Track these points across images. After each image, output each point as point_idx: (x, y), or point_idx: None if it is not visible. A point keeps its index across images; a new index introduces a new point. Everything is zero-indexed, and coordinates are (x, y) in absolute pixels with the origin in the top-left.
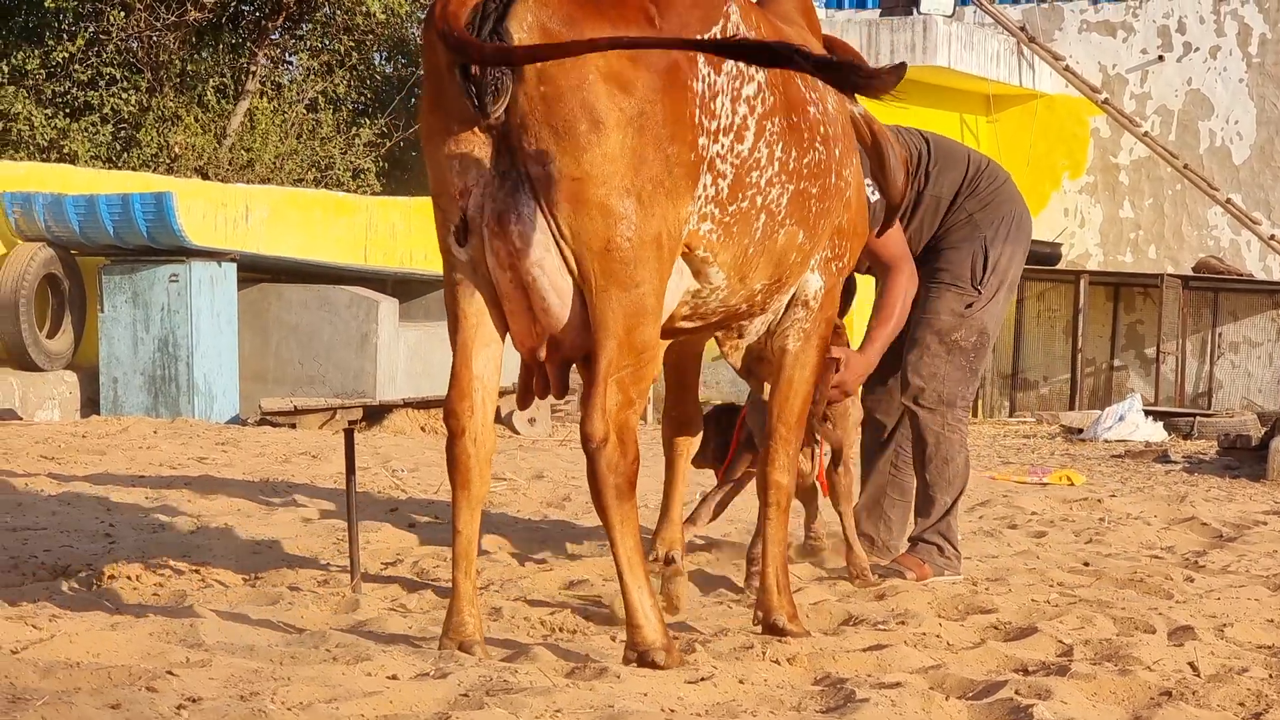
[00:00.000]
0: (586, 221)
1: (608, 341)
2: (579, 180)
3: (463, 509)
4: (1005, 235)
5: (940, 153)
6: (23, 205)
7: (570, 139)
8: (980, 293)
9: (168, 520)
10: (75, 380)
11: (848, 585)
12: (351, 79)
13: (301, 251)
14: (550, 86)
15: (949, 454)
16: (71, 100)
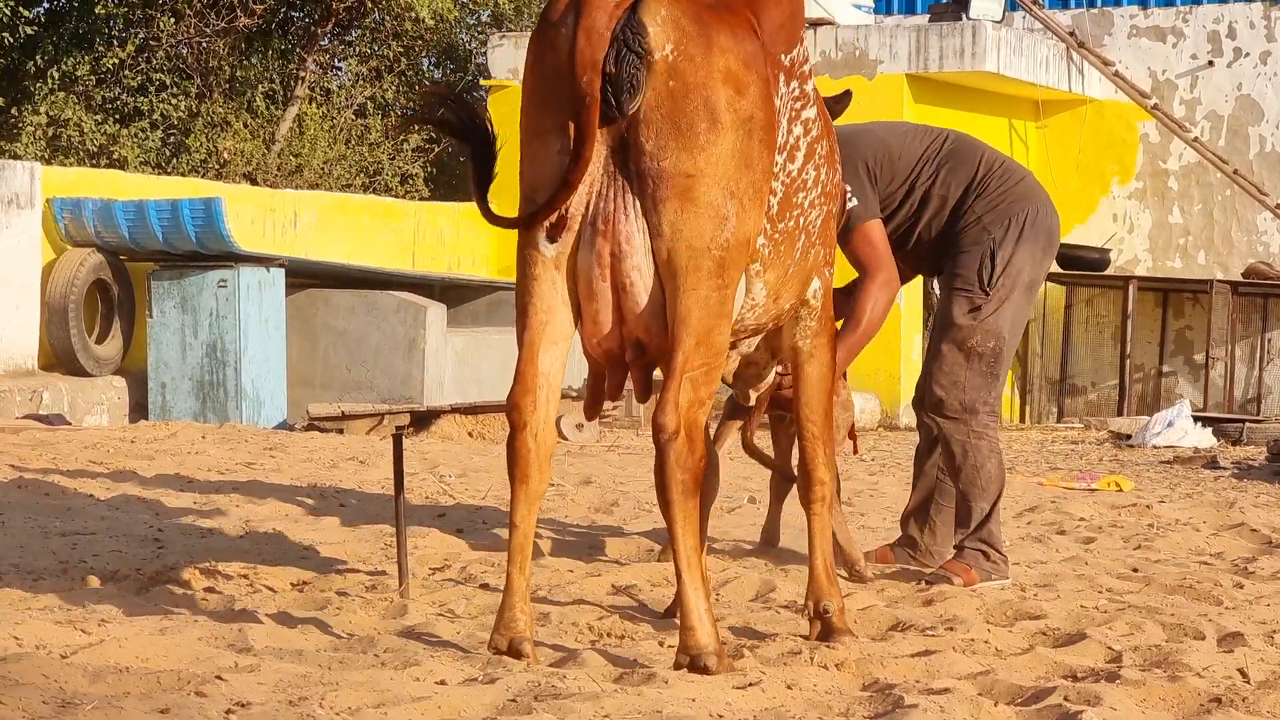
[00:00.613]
0: (692, 219)
1: (688, 339)
2: (693, 177)
3: (520, 504)
4: (1017, 236)
5: (953, 153)
6: (72, 211)
7: (690, 135)
8: (990, 295)
9: (216, 525)
10: (124, 385)
11: (896, 591)
12: (400, 85)
13: (349, 257)
14: (679, 83)
15: (979, 461)
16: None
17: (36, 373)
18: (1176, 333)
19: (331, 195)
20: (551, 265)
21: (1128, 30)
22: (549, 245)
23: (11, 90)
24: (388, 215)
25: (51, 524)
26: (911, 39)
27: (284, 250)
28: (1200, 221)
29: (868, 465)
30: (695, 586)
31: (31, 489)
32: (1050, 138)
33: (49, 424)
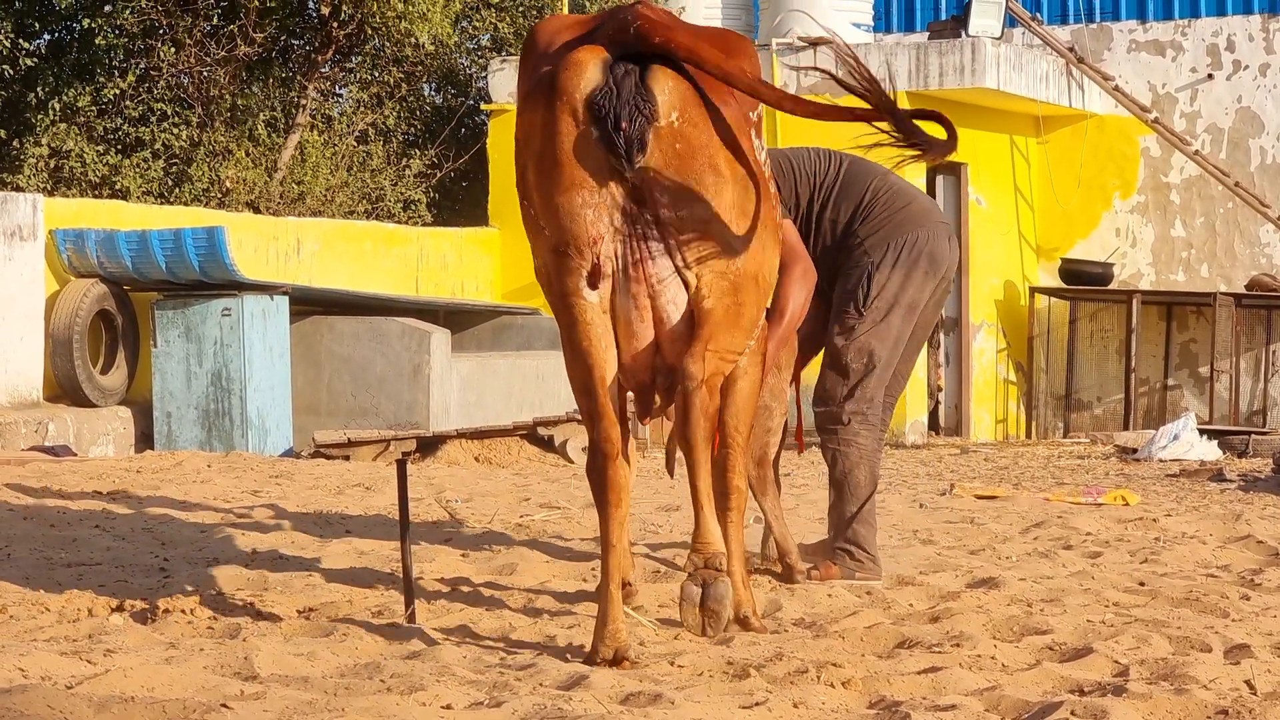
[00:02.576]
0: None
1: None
2: (709, 221)
3: (616, 525)
4: (895, 260)
5: (845, 177)
6: (75, 242)
7: (700, 187)
8: (863, 316)
9: (222, 554)
10: (129, 415)
11: (903, 608)
12: (401, 110)
13: (353, 283)
14: (684, 143)
15: (847, 468)
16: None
17: (41, 404)
18: (1181, 346)
19: (334, 222)
20: (599, 309)
21: (1127, 45)
22: (592, 292)
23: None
24: (391, 241)
25: (57, 555)
26: (911, 57)
27: (287, 278)
28: (1203, 234)
29: None
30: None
31: (37, 520)
32: (1051, 153)
33: (54, 455)
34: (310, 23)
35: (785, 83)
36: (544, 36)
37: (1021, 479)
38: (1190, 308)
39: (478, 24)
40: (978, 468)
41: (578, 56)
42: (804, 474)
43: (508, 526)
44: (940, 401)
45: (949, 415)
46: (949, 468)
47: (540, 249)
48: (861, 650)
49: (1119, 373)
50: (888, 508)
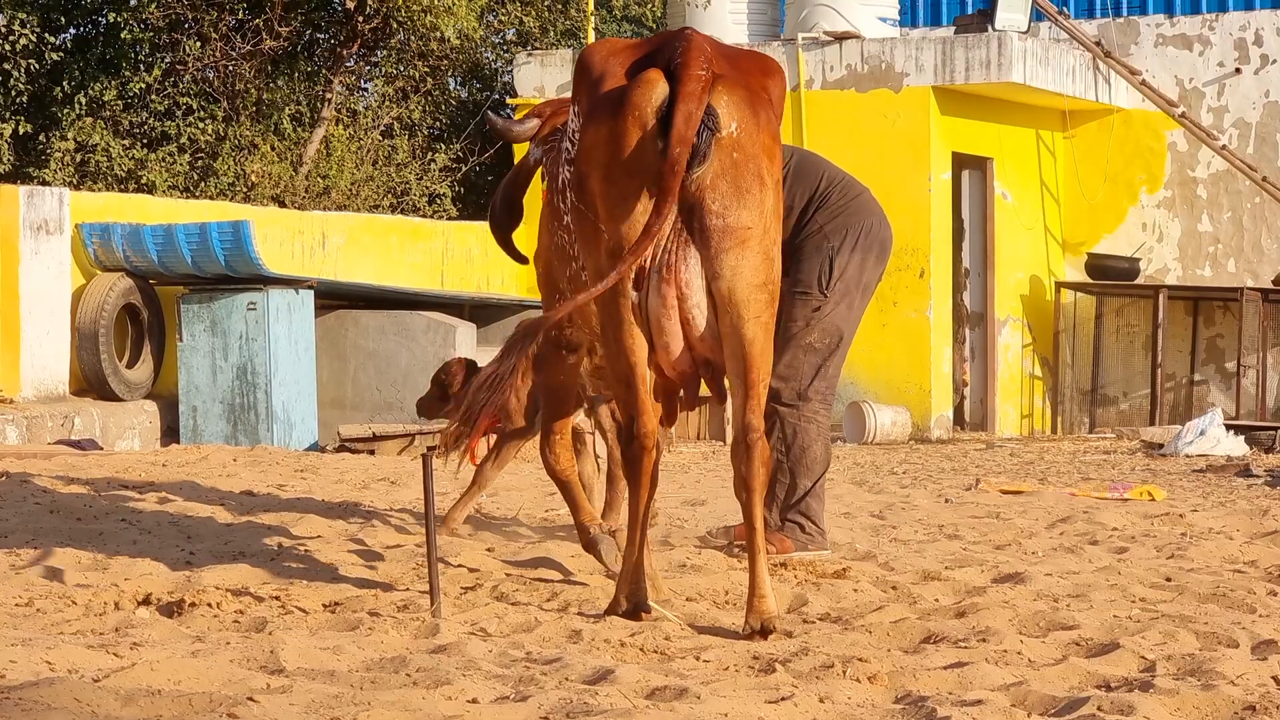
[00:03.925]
0: (750, 263)
1: (757, 357)
2: (750, 229)
3: (643, 505)
4: (854, 244)
5: (797, 166)
6: (101, 236)
7: (749, 195)
8: (827, 297)
9: (247, 548)
10: (155, 409)
11: (929, 604)
12: (426, 104)
13: (378, 277)
14: (740, 153)
15: (806, 443)
16: (149, 130)
17: (68, 398)
18: (1207, 341)
19: (359, 216)
20: (637, 310)
21: (1154, 39)
22: (635, 293)
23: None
24: (416, 235)
25: (84, 549)
26: (937, 51)
27: (313, 272)
28: (1229, 229)
29: (899, 478)
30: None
31: (64, 514)
32: (1078, 148)
33: (81, 449)
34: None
35: (811, 78)
36: (598, 59)
37: (1047, 474)
38: (1217, 303)
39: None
40: (1003, 463)
41: (648, 75)
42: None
43: (533, 521)
44: (965, 396)
45: (974, 410)
46: (974, 463)
47: (595, 252)
48: (887, 645)
49: (1145, 368)
50: (912, 502)
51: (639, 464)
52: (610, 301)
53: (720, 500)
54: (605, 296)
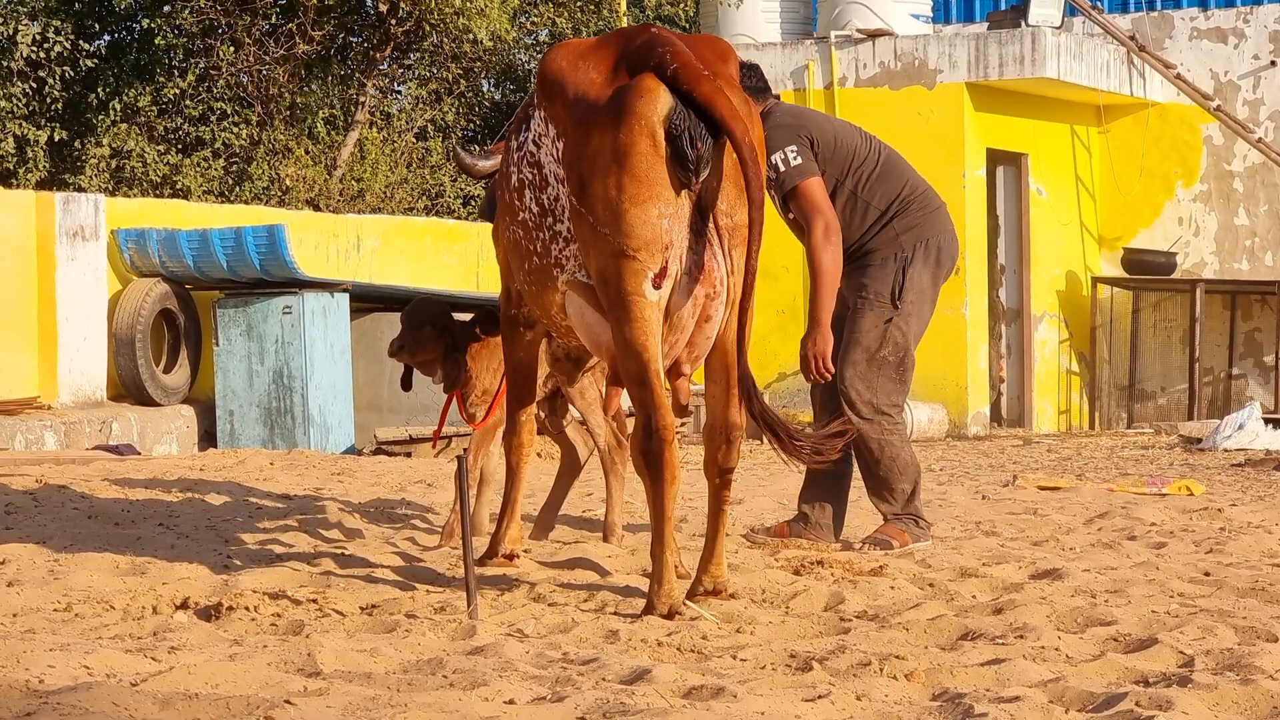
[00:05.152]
0: (750, 260)
1: (745, 350)
2: (752, 226)
3: (669, 500)
4: (923, 258)
5: (885, 164)
6: (137, 241)
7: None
8: (899, 309)
9: (285, 550)
10: (192, 414)
11: (966, 600)
12: (460, 106)
13: (413, 280)
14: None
15: (894, 453)
16: (183, 136)
17: (105, 403)
18: (1245, 335)
19: (394, 219)
20: (656, 308)
21: (1188, 32)
22: (655, 291)
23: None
24: (451, 237)
25: (122, 553)
26: (970, 47)
27: (348, 275)
28: (1266, 222)
29: (936, 475)
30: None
31: (101, 519)
32: (1113, 142)
33: (118, 454)
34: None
35: (844, 76)
36: (565, 63)
37: (1085, 470)
38: (1254, 296)
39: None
40: (1040, 459)
41: (647, 84)
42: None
43: (570, 521)
44: (1002, 393)
45: (1011, 406)
46: (1011, 459)
47: (597, 253)
48: (924, 642)
49: (1183, 362)
50: (950, 499)
51: (661, 458)
52: (623, 302)
53: (758, 499)
54: (616, 297)
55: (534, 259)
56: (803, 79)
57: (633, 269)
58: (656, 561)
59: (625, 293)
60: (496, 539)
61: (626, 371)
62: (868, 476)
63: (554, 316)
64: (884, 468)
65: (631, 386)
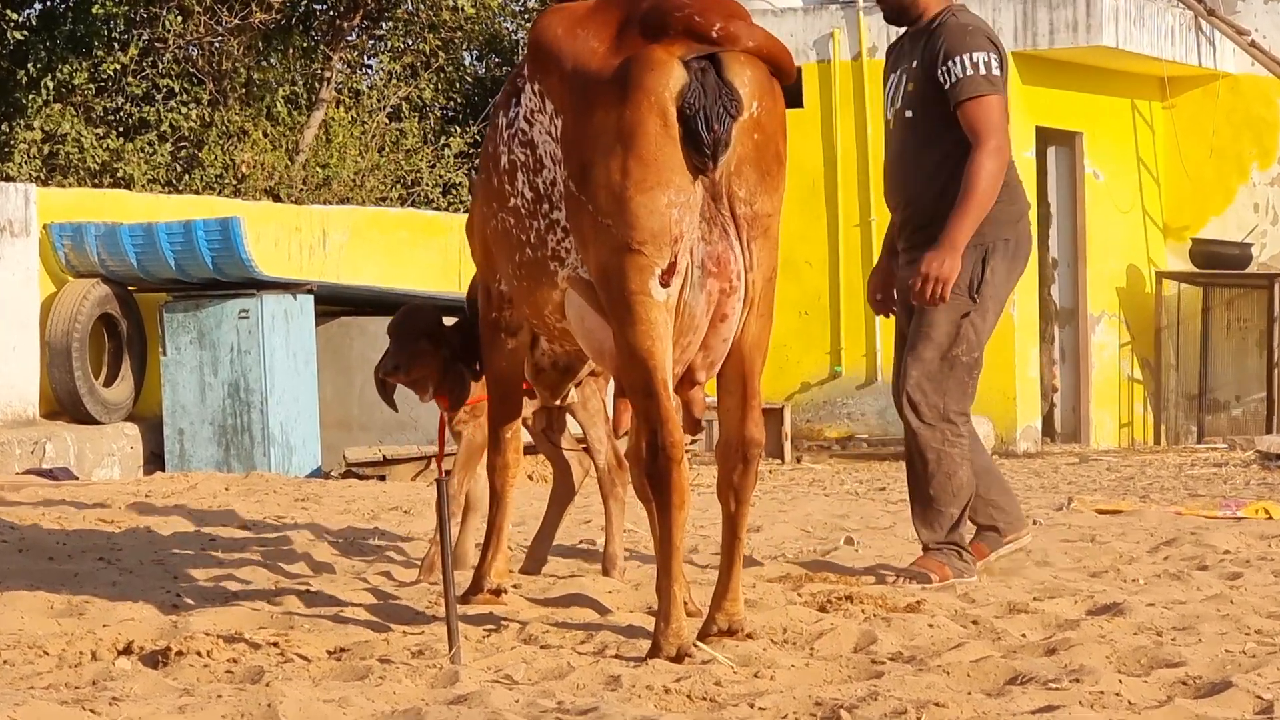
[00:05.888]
0: (769, 252)
1: (760, 360)
2: (771, 216)
3: (678, 528)
4: (1003, 253)
5: None
6: (73, 237)
7: (770, 179)
8: (976, 303)
9: (242, 588)
10: (137, 433)
11: (1015, 639)
12: (439, 82)
13: (387, 280)
14: (761, 134)
15: (951, 469)
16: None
17: (38, 421)
18: None
19: (365, 210)
20: (665, 309)
21: None
22: (662, 290)
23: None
24: (429, 230)
25: (57, 591)
26: (1018, 12)
27: (312, 274)
28: None
29: None
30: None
31: (34, 553)
32: (1179, 119)
33: (53, 479)
34: None
35: (873, 45)
36: (562, 30)
37: (1149, 490)
38: None
39: None
40: (1099, 478)
41: (657, 56)
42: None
43: (566, 553)
44: (1056, 404)
45: (1066, 419)
46: (1066, 479)
47: (597, 245)
48: (968, 687)
49: (1260, 368)
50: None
51: (668, 479)
52: (626, 302)
53: (779, 526)
54: (618, 297)
55: (527, 250)
56: (827, 49)
57: (638, 264)
58: (663, 597)
59: (629, 292)
60: (481, 572)
61: (629, 381)
62: (915, 492)
63: (547, 317)
64: (936, 485)
65: (635, 398)
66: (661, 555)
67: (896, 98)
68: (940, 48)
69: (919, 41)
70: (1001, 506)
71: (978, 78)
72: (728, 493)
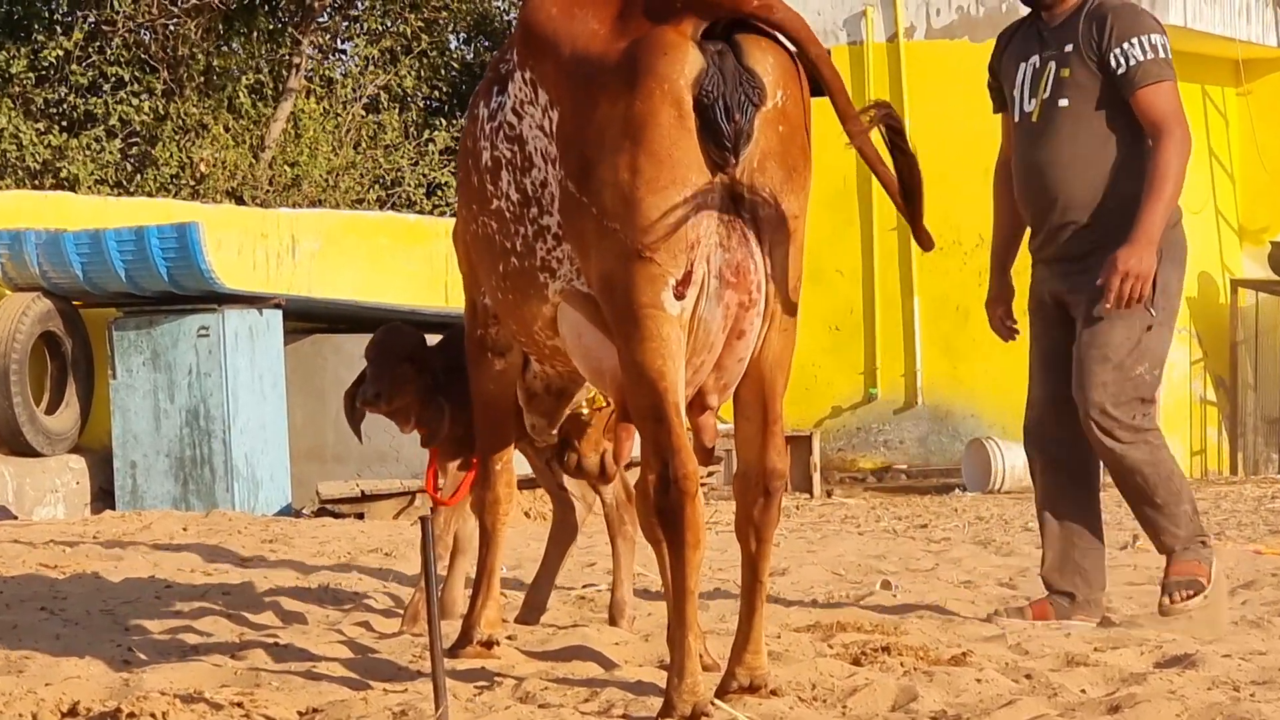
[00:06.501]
0: (795, 260)
1: (782, 382)
2: (798, 218)
3: (693, 570)
4: (1169, 260)
5: None
6: (10, 246)
7: (797, 176)
8: (1154, 316)
9: (201, 641)
10: (83, 466)
11: (1071, 695)
12: (421, 69)
13: (364, 292)
14: (787, 125)
15: (1167, 471)
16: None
17: None
18: None
19: (339, 214)
20: (678, 324)
21: None
22: (676, 303)
23: None
24: (411, 236)
25: None
26: None
27: (280, 286)
28: None
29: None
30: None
31: None
32: (1255, 106)
33: None
34: None
35: (911, 24)
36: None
37: (1225, 526)
38: None
39: None
40: None
41: (669, 38)
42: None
43: (566, 600)
44: None
45: None
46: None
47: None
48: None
49: None
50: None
51: (681, 515)
52: (634, 317)
53: (806, 568)
54: (626, 311)
55: (511, 259)
56: (859, 30)
57: (648, 274)
58: (676, 649)
59: (638, 305)
60: (471, 622)
61: (637, 406)
62: (1143, 509)
63: (536, 334)
64: (1162, 492)
65: (644, 424)
66: (675, 602)
67: (1040, 87)
68: (1109, 30)
69: (1069, 24)
70: (1087, 578)
71: (1158, 61)
72: (748, 530)
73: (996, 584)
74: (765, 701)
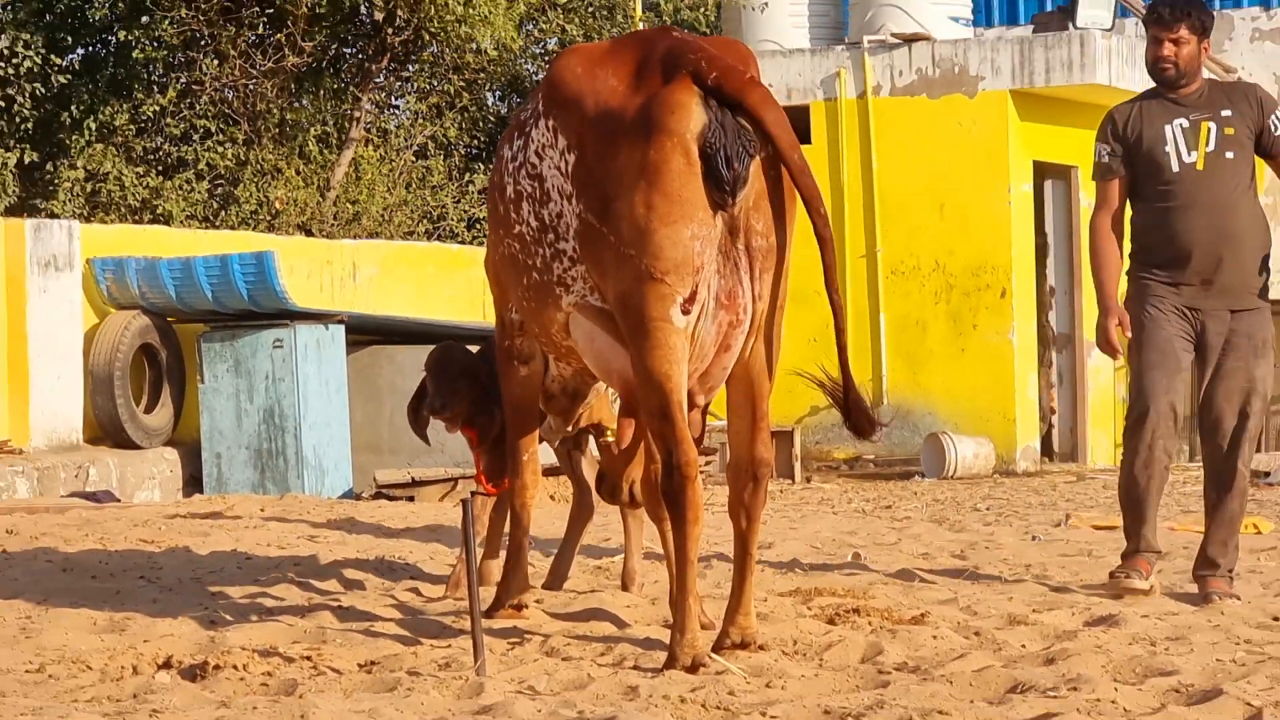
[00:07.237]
0: (779, 284)
1: (768, 384)
2: (783, 249)
3: (692, 542)
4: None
5: None
6: (115, 271)
7: (784, 214)
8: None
9: (277, 604)
10: (176, 457)
11: (1015, 650)
12: (463, 121)
13: (414, 310)
14: (776, 171)
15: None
16: (164, 157)
17: (82, 446)
18: None
19: (393, 244)
20: (685, 335)
21: (1249, 34)
22: (682, 318)
23: (46, 144)
24: (454, 263)
25: (99, 609)
26: (1014, 52)
27: (343, 305)
28: None
29: (983, 514)
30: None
31: (78, 572)
32: None
33: (96, 502)
34: (363, 30)
35: (878, 84)
36: (581, 69)
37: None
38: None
39: (544, 27)
40: (1096, 496)
41: (679, 98)
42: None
43: (586, 569)
44: (1054, 425)
45: (1064, 439)
46: (1064, 496)
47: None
48: (970, 696)
49: None
50: (997, 540)
51: (683, 497)
52: (647, 328)
53: (788, 543)
54: (639, 323)
55: (533, 274)
56: (834, 88)
57: (660, 293)
58: (679, 610)
59: (650, 318)
60: (503, 588)
61: (647, 404)
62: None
63: (554, 335)
64: (1240, 518)
65: (652, 420)
66: (677, 570)
67: (1202, 141)
68: (1259, 99)
69: (1210, 96)
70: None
71: None
72: (739, 511)
73: (949, 555)
74: (754, 655)
